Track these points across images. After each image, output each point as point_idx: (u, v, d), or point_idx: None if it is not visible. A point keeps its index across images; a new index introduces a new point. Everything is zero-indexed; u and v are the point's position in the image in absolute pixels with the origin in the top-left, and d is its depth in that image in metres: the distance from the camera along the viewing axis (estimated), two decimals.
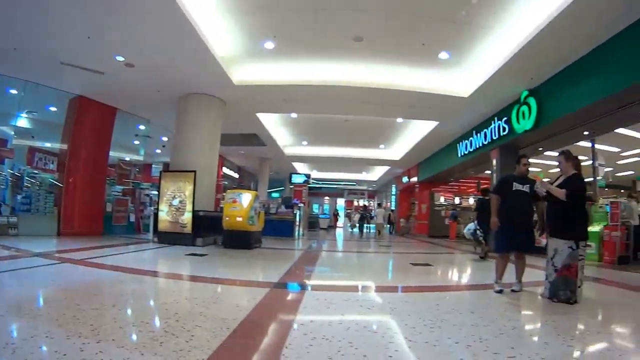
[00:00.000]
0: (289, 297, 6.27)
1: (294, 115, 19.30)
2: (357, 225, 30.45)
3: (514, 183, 7.01)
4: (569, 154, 6.63)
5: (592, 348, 4.15)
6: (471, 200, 30.48)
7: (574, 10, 8.83)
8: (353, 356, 3.41)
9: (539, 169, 22.20)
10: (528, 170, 7.25)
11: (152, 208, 17.87)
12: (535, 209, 7.11)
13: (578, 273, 6.05)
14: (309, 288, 7.17)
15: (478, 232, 14.10)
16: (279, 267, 9.34)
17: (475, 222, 14.28)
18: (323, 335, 4.03)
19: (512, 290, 6.90)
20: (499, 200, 7.15)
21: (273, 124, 21.36)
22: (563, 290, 6.06)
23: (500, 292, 6.80)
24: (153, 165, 27.80)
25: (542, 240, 8.38)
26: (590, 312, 5.86)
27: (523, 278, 7.17)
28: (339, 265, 11.92)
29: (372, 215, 30.81)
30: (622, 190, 23.56)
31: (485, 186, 19.37)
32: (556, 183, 6.61)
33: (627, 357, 3.87)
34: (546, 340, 4.34)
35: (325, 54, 12.75)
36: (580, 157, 6.74)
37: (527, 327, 4.96)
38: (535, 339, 4.40)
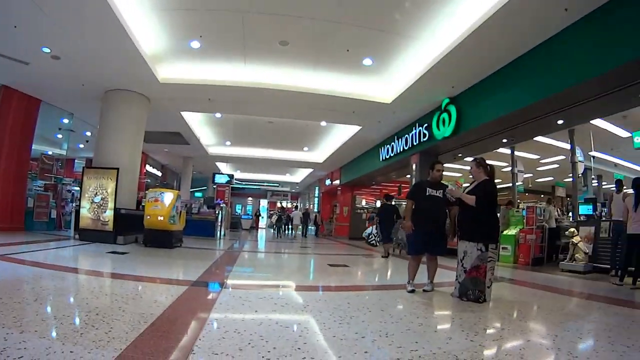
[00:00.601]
0: (206, 295, 6.39)
1: (218, 115, 19.25)
2: (275, 226, 30.89)
3: (428, 188, 7.38)
4: (479, 161, 7.05)
5: (493, 342, 4.51)
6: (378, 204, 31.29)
7: (493, 24, 9.54)
8: (263, 348, 3.63)
9: (459, 174, 23.10)
10: (442, 176, 7.65)
11: (73, 204, 17.61)
12: (448, 214, 7.52)
13: (487, 274, 6.45)
14: (226, 286, 7.31)
15: (372, 236, 15.23)
16: (198, 266, 9.44)
17: (374, 226, 15.36)
18: (235, 329, 4.24)
19: (424, 290, 7.28)
20: (413, 204, 7.53)
21: (197, 123, 21.25)
22: (472, 290, 6.47)
23: (412, 291, 7.13)
24: (76, 161, 27.15)
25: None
26: (497, 310, 6.26)
27: (435, 279, 7.55)
28: (258, 265, 12.10)
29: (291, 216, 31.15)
30: (542, 195, 24.77)
31: (387, 193, 20.45)
32: (469, 188, 7.07)
33: (525, 350, 4.22)
34: (450, 335, 4.67)
35: (251, 56, 12.87)
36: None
37: (434, 323, 5.24)
38: (440, 334, 4.67)
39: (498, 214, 14.19)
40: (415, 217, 7.42)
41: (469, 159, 8.17)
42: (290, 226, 31.08)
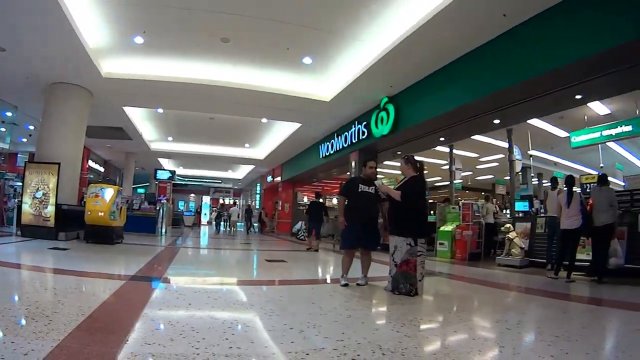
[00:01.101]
0: (143, 289, 6.31)
1: (160, 110, 19.08)
2: (215, 222, 31.17)
3: (360, 185, 7.44)
4: (408, 158, 7.18)
5: (418, 333, 4.52)
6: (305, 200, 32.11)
7: (432, 27, 9.84)
8: (193, 338, 3.68)
9: (400, 172, 23.39)
10: (374, 173, 7.78)
11: (16, 200, 17.09)
12: (380, 209, 7.59)
13: (417, 268, 6.52)
14: (163, 281, 7.23)
15: (301, 231, 17.33)
16: (137, 262, 9.29)
17: (302, 222, 17.70)
18: (169, 321, 4.35)
19: (358, 284, 7.32)
20: (346, 200, 7.62)
21: (139, 118, 20.95)
22: (404, 284, 6.52)
23: (346, 285, 7.16)
24: (19, 155, 26.33)
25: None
26: (427, 302, 6.37)
27: (371, 273, 7.62)
28: (196, 261, 11.99)
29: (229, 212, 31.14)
30: (483, 193, 25.21)
31: (317, 190, 21.39)
32: (398, 184, 7.19)
33: (450, 340, 4.33)
34: (377, 327, 4.77)
35: (194, 52, 12.81)
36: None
37: (362, 315, 5.24)
38: (367, 325, 4.68)
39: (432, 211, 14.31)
40: (348, 212, 7.49)
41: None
42: (229, 222, 31.08)
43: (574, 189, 9.50)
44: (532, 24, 9.26)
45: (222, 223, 30.82)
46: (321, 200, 18.34)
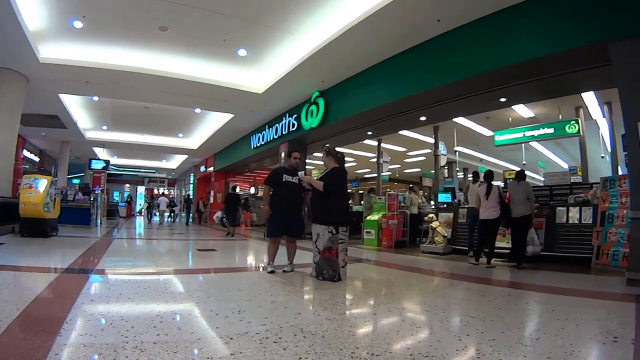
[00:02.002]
0: (76, 281, 6.07)
1: (95, 98, 18.30)
2: (145, 212, 31.05)
3: (285, 175, 7.51)
4: (329, 150, 7.32)
5: (339, 316, 4.51)
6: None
7: (365, 27, 10.04)
8: (122, 327, 3.68)
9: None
10: (298, 163, 7.84)
11: None
12: (304, 199, 7.65)
13: (339, 255, 6.64)
14: (95, 272, 7.04)
15: (224, 219, 19.10)
16: (71, 255, 8.97)
17: (221, 211, 20.03)
18: (100, 312, 4.30)
19: (284, 271, 7.35)
20: (271, 190, 7.65)
21: (75, 105, 20.10)
22: (327, 270, 6.61)
23: (272, 272, 7.18)
24: None
25: None
26: (350, 287, 6.40)
27: (297, 260, 7.68)
28: (128, 252, 11.57)
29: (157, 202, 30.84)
30: (411, 185, 25.68)
31: (234, 184, 23.27)
32: (320, 175, 7.27)
33: (368, 321, 4.38)
34: (299, 311, 4.72)
35: (132, 40, 12.41)
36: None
37: (286, 301, 5.21)
38: (290, 310, 4.67)
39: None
40: (273, 201, 7.54)
41: (338, 148, 8.49)
42: (157, 212, 31.02)
43: (493, 182, 9.77)
44: (462, 31, 9.68)
45: (153, 213, 30.73)
46: (237, 191, 20.52)
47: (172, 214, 32.29)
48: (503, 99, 11.45)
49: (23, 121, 15.59)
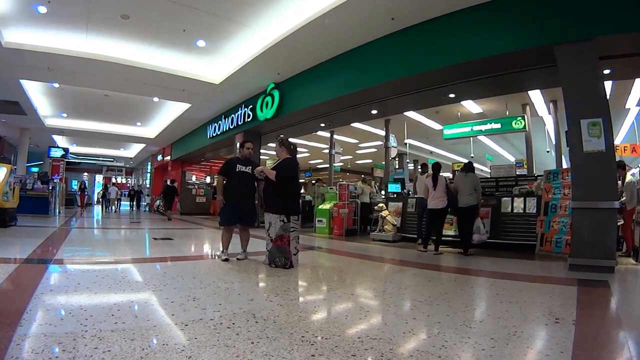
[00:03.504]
0: (35, 271, 5.92)
1: (56, 85, 17.82)
2: (101, 201, 30.92)
3: (238, 165, 7.53)
4: (282, 141, 7.37)
5: (291, 301, 4.56)
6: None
7: (321, 23, 10.04)
8: (81, 316, 3.66)
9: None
10: (251, 153, 7.90)
11: None
12: (257, 188, 7.68)
13: (291, 242, 6.72)
14: (54, 262, 6.91)
15: (160, 207, 22.12)
16: (31, 244, 8.74)
17: (162, 199, 23.84)
18: (59, 301, 4.26)
19: (238, 259, 7.34)
20: (224, 180, 7.67)
21: (35, 92, 19.45)
22: (279, 257, 6.67)
23: (226, 260, 7.16)
24: None
25: None
26: (301, 274, 6.44)
27: (252, 248, 7.72)
28: (86, 241, 11.33)
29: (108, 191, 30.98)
30: (363, 175, 25.87)
31: (171, 178, 25.63)
32: (273, 165, 7.28)
33: (318, 307, 4.42)
34: (252, 297, 4.71)
35: (94, 26, 12.05)
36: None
37: (239, 287, 5.24)
38: (243, 296, 4.68)
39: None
40: (227, 191, 7.57)
41: (292, 139, 8.51)
42: (108, 201, 30.92)
43: (441, 174, 9.91)
44: (415, 29, 9.82)
45: (107, 202, 30.67)
46: (174, 184, 23.12)
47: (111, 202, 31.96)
48: (452, 95, 11.66)
49: None
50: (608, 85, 10.67)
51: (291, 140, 7.55)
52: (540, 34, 7.70)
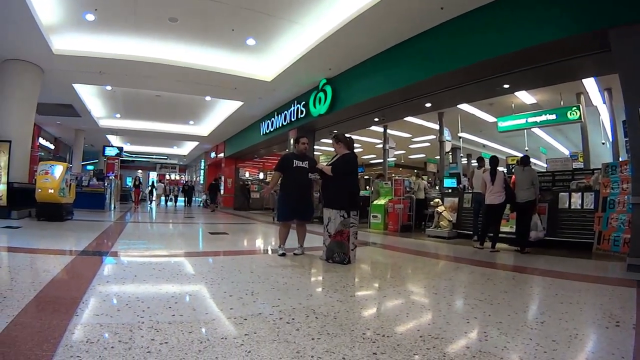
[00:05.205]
0: (91, 263, 6.12)
1: (108, 87, 18.38)
2: (148, 197, 32.25)
3: (294, 160, 7.53)
4: (338, 137, 7.36)
5: (350, 298, 4.55)
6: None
7: (370, 16, 10.01)
8: (138, 308, 3.71)
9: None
10: (306, 149, 7.85)
11: None
12: (313, 183, 7.72)
13: (350, 238, 6.70)
14: (110, 254, 7.10)
15: (207, 201, 26.91)
16: (87, 237, 9.02)
17: (207, 195, 28.79)
18: (115, 292, 4.35)
19: (295, 254, 7.38)
20: (280, 176, 7.67)
21: (88, 95, 20.16)
22: (337, 253, 6.68)
23: (283, 255, 7.22)
24: None
25: None
26: (359, 270, 6.43)
27: (307, 244, 7.72)
28: (142, 234, 11.63)
29: (156, 188, 32.75)
30: (415, 170, 25.66)
31: (219, 175, 30.99)
32: (331, 161, 7.31)
33: (378, 303, 4.38)
34: (311, 292, 4.77)
35: (143, 31, 12.42)
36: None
37: (298, 283, 5.23)
38: (302, 292, 4.68)
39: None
40: (284, 186, 7.61)
41: (347, 135, 8.53)
42: (152, 196, 32.47)
43: (498, 168, 9.72)
44: (465, 18, 9.60)
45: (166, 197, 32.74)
46: (217, 182, 28.42)
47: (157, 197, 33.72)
48: (506, 86, 11.37)
49: (38, 110, 15.67)
50: None
51: (346, 135, 7.56)
52: (594, 17, 7.36)
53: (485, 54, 9.23)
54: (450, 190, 15.00)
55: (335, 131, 16.29)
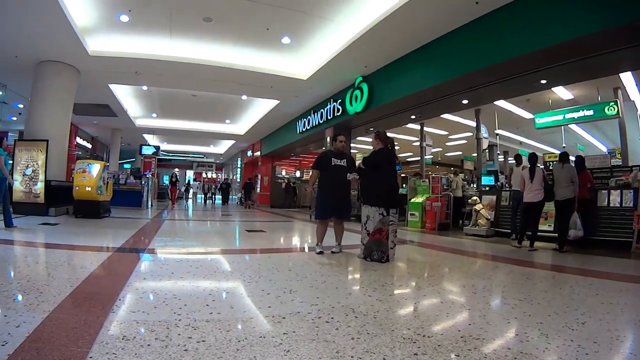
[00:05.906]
0: (128, 260, 6.26)
1: (145, 87, 18.78)
2: (184, 195, 33.05)
3: (333, 158, 7.52)
4: (377, 134, 7.30)
5: (389, 297, 4.55)
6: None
7: (404, 12, 9.94)
8: (175, 305, 3.75)
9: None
10: (344, 146, 7.81)
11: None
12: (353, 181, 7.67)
13: (389, 236, 6.65)
14: (147, 251, 7.21)
15: (242, 199, 29.64)
16: (123, 235, 9.22)
17: (242, 193, 30.36)
18: (152, 289, 4.40)
19: (332, 252, 7.40)
20: (319, 174, 7.64)
21: (124, 95, 20.62)
22: (376, 251, 6.64)
23: (321, 253, 7.24)
24: (9, 134, 25.58)
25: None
26: (398, 269, 6.41)
27: (345, 242, 7.72)
28: (179, 232, 11.78)
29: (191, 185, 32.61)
30: (452, 168, 25.47)
31: (250, 176, 32.42)
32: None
33: (418, 303, 4.37)
34: (350, 291, 4.77)
35: (177, 31, 12.63)
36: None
37: (336, 281, 5.23)
38: (341, 290, 4.69)
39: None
40: (322, 184, 7.60)
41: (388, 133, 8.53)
42: (188, 194, 33.40)
43: (537, 165, 9.58)
44: (501, 13, 9.46)
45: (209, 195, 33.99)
46: (251, 180, 30.16)
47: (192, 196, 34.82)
48: (543, 81, 11.16)
49: (75, 110, 16.10)
50: None
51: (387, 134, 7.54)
52: (632, 9, 7.13)
53: (520, 50, 9.10)
54: (487, 188, 14.84)
55: (372, 128, 16.32)
